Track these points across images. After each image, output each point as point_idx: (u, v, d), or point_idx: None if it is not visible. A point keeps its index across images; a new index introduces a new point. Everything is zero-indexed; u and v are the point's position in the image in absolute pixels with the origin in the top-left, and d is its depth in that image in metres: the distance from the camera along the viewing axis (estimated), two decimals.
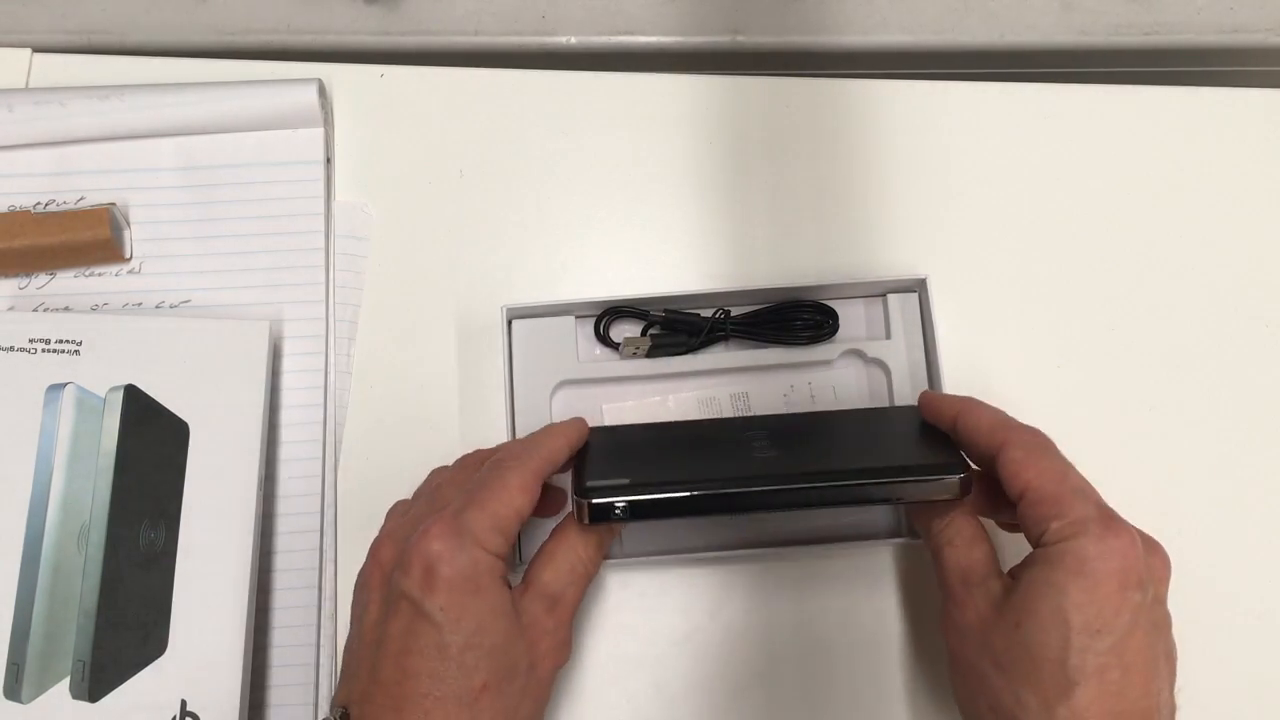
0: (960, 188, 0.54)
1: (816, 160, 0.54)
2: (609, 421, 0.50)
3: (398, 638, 0.37)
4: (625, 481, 0.39)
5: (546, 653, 0.39)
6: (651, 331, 0.50)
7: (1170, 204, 0.54)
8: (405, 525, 0.40)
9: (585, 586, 0.42)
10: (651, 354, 0.50)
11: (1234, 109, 0.56)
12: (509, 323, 0.49)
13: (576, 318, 0.50)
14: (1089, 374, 0.52)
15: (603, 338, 0.50)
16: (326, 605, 0.48)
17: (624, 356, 0.50)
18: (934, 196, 0.54)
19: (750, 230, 0.53)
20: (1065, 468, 0.38)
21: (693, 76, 0.55)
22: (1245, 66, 0.59)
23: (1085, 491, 0.37)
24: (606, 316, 0.50)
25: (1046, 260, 0.53)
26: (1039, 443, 0.39)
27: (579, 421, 0.44)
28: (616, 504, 0.39)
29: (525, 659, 0.38)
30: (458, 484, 0.41)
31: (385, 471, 0.48)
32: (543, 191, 0.54)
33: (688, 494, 0.39)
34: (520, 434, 0.48)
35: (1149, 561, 0.36)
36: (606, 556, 0.43)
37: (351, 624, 0.40)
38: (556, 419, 0.49)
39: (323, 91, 0.53)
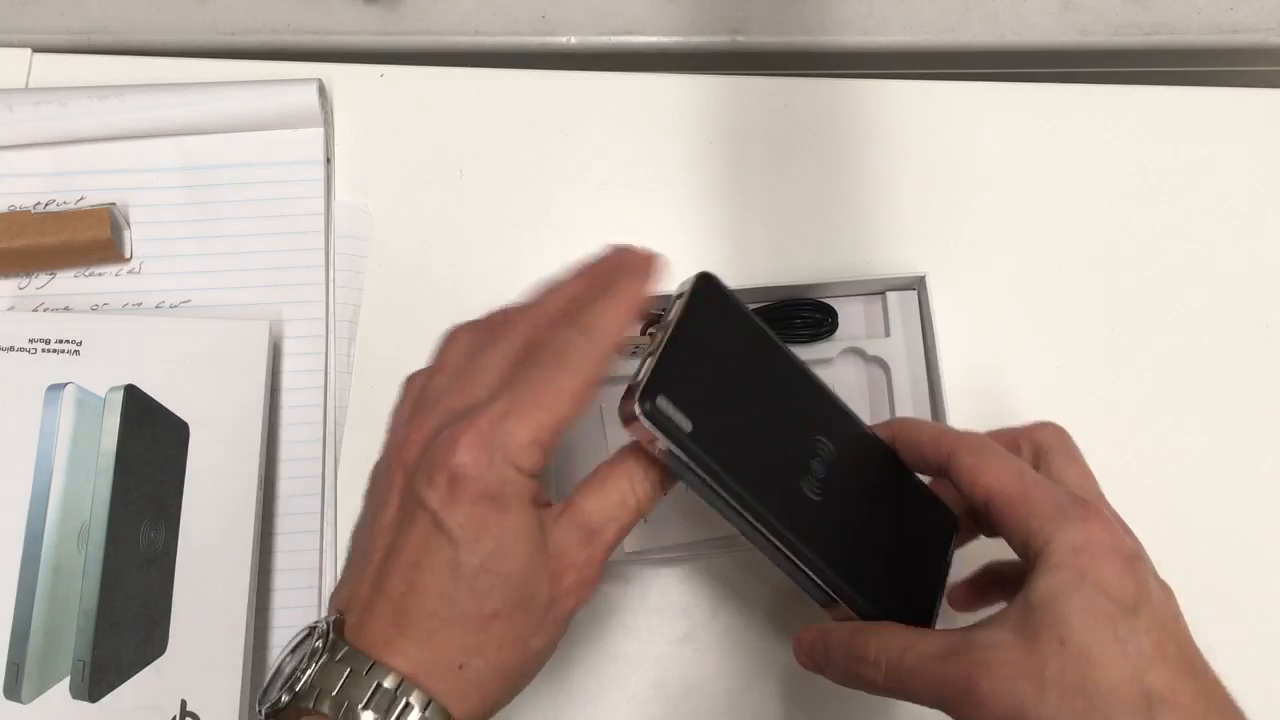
0: (960, 187, 0.54)
1: (816, 160, 0.54)
2: (608, 421, 0.49)
3: (412, 548, 0.33)
4: (688, 427, 0.33)
5: (570, 590, 0.35)
6: (651, 330, 0.50)
7: (1170, 204, 0.54)
8: (436, 417, 0.35)
9: (630, 526, 0.37)
10: None
11: (1234, 109, 0.56)
12: None
13: None
14: (1089, 374, 0.52)
15: None
16: (327, 605, 0.48)
17: (624, 355, 0.50)
18: (933, 196, 0.54)
19: (749, 229, 0.53)
20: (1017, 463, 0.36)
21: (693, 76, 0.55)
22: (1245, 66, 0.59)
23: (1044, 481, 0.36)
24: None
25: (1046, 259, 0.53)
26: (983, 444, 0.37)
27: (649, 270, 0.36)
28: (660, 444, 0.34)
29: (546, 592, 0.34)
30: (499, 369, 0.35)
31: None
32: (543, 191, 0.54)
33: (722, 496, 0.35)
34: None
35: (1128, 531, 0.35)
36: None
37: (364, 515, 0.36)
38: None
39: (323, 91, 0.53)
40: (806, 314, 0.50)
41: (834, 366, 0.51)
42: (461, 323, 0.38)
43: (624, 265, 0.36)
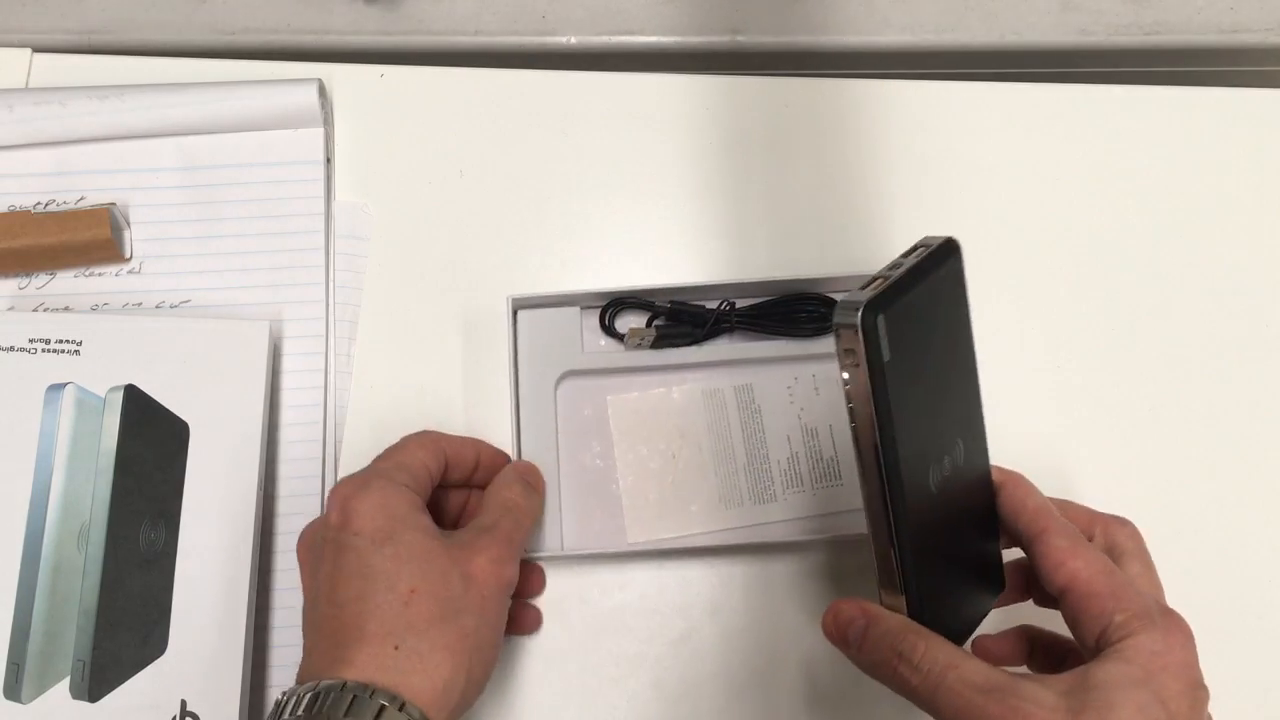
0: (959, 187, 0.54)
1: (816, 160, 0.54)
2: (612, 413, 0.50)
3: (327, 579, 0.38)
4: (886, 356, 0.33)
5: (482, 567, 0.40)
6: (656, 323, 0.50)
7: (1170, 204, 0.54)
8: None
9: (521, 520, 0.43)
10: (656, 345, 0.50)
11: (1234, 109, 0.56)
12: (514, 313, 0.49)
13: (582, 309, 0.50)
14: (1089, 374, 0.52)
15: (608, 329, 0.50)
16: None
17: (629, 348, 0.50)
18: (933, 196, 0.54)
19: (749, 229, 0.53)
20: (1106, 559, 0.37)
21: (693, 76, 0.55)
22: (1245, 66, 0.59)
23: (1132, 584, 0.36)
24: (611, 307, 0.50)
25: (1046, 258, 0.53)
26: (1076, 532, 0.38)
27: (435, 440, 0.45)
28: (855, 359, 0.33)
29: (456, 570, 0.39)
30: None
31: None
32: (543, 191, 0.54)
33: (871, 438, 0.34)
34: (525, 425, 0.48)
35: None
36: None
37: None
38: (561, 410, 0.49)
39: (323, 91, 0.53)
40: (811, 308, 0.50)
41: (836, 361, 0.50)
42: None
43: None
